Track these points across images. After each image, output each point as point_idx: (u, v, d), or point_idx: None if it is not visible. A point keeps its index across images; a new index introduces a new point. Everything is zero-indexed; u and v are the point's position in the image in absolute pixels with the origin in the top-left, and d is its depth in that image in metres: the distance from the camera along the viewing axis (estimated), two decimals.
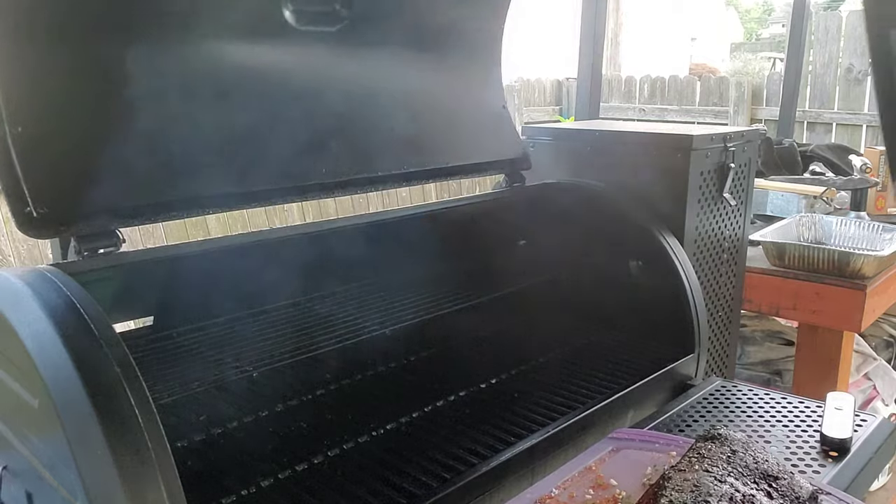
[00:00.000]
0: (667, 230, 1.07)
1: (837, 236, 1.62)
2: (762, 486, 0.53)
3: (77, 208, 0.68)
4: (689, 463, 0.55)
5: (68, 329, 0.52)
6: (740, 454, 0.56)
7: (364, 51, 0.96)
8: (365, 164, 0.94)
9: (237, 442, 0.77)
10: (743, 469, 0.54)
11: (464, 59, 1.09)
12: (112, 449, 0.48)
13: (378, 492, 0.69)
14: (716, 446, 0.57)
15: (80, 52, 0.71)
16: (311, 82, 0.91)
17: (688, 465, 0.54)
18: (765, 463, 0.55)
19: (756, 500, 0.51)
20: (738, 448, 0.56)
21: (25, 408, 0.55)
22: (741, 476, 0.53)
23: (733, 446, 0.56)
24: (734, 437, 0.58)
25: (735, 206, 1.22)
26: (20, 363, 0.54)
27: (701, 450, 0.57)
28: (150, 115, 0.76)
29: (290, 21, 0.85)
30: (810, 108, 4.27)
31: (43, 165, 0.67)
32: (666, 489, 0.51)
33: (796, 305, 1.47)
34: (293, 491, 0.70)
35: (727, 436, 0.58)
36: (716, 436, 0.59)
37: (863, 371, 1.90)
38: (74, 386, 0.50)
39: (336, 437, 0.78)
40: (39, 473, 0.56)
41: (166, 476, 0.49)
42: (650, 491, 0.52)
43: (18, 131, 0.65)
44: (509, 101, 4.78)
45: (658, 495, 0.51)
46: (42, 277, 0.58)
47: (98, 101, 0.73)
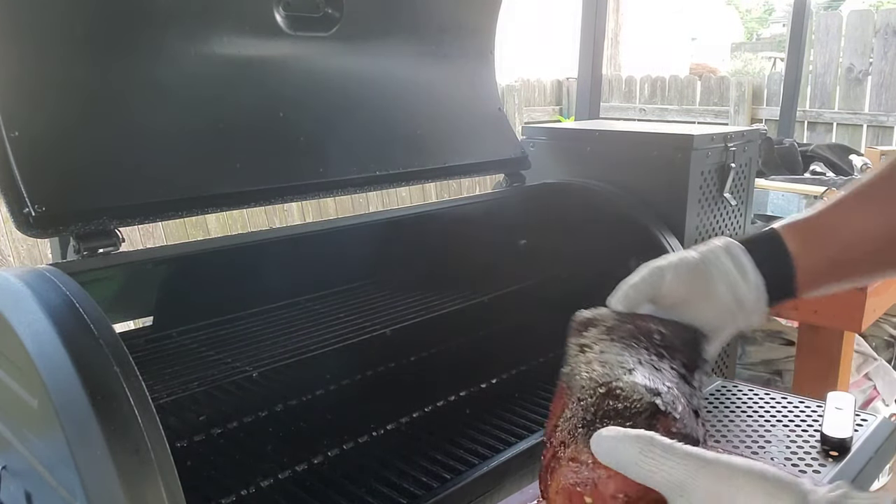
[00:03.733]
0: (667, 230, 1.07)
1: None
2: (655, 348, 0.49)
3: (76, 208, 0.68)
4: (579, 349, 0.48)
5: (67, 329, 0.52)
6: (619, 327, 0.50)
7: (360, 51, 0.96)
8: (364, 164, 0.94)
9: (237, 442, 0.77)
10: (631, 339, 0.49)
11: (459, 59, 1.09)
12: (111, 449, 0.48)
13: (378, 492, 0.69)
14: (593, 327, 0.51)
15: (76, 55, 0.71)
16: (308, 83, 0.91)
17: (578, 351, 0.48)
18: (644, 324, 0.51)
19: (664, 358, 0.47)
20: (611, 323, 0.51)
21: (25, 408, 0.55)
22: (635, 345, 0.48)
23: (606, 322, 0.51)
24: (603, 314, 0.52)
25: (735, 205, 1.22)
26: (19, 363, 0.54)
27: (581, 338, 0.50)
28: (149, 116, 0.76)
29: (283, 27, 0.86)
30: (811, 107, 4.26)
31: (41, 166, 0.67)
32: (574, 379, 0.45)
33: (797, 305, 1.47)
34: (293, 491, 0.70)
35: (596, 315, 0.52)
36: (585, 319, 0.52)
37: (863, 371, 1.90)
38: (73, 386, 0.50)
39: (336, 437, 0.78)
40: (39, 473, 0.56)
41: (166, 476, 0.49)
42: (560, 391, 0.46)
43: (15, 135, 0.65)
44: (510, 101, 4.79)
45: (570, 387, 0.45)
46: (41, 277, 0.57)
47: (95, 102, 0.73)
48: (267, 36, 0.86)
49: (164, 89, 0.78)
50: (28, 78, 0.68)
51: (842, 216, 0.56)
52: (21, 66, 0.67)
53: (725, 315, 0.53)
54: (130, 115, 0.75)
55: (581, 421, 0.41)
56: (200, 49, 0.81)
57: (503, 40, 1.19)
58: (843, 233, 0.56)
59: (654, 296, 0.53)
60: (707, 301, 0.52)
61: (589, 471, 0.38)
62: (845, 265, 0.56)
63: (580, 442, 0.39)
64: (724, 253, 0.54)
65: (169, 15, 0.77)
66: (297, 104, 0.89)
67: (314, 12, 0.89)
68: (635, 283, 0.53)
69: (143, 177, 0.75)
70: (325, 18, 0.90)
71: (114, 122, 0.74)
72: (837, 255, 0.56)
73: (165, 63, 0.78)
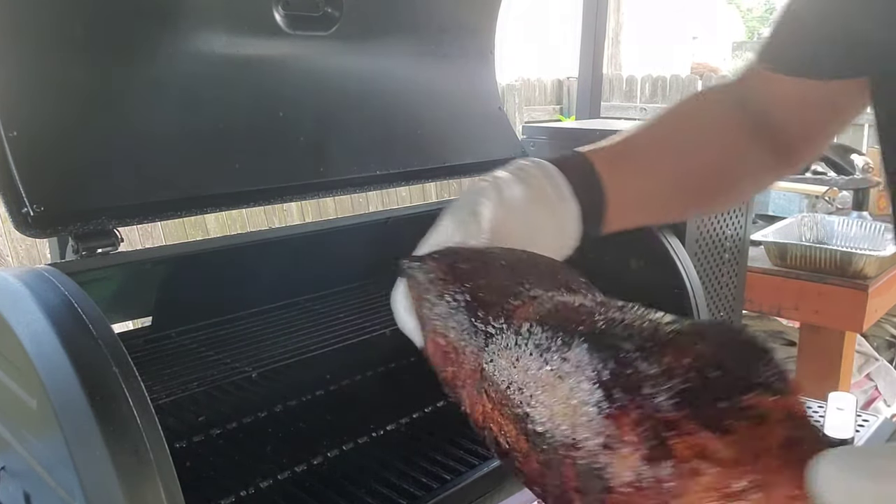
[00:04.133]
0: (668, 230, 1.07)
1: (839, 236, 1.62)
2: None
3: (74, 208, 0.68)
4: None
5: (66, 329, 0.52)
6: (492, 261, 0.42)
7: (359, 50, 0.96)
8: (364, 164, 0.94)
9: (236, 443, 0.77)
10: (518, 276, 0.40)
11: (459, 58, 1.09)
12: (110, 449, 0.47)
13: (378, 493, 0.69)
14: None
15: (75, 55, 0.71)
16: (307, 82, 0.91)
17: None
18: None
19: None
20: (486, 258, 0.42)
21: (23, 408, 0.55)
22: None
23: (476, 260, 0.42)
24: (459, 253, 0.43)
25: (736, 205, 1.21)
26: (18, 363, 0.54)
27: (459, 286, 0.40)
28: (148, 115, 0.76)
29: (282, 26, 0.85)
30: None
31: (39, 166, 0.67)
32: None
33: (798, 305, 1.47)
34: (292, 492, 0.70)
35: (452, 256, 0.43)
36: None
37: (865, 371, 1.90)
38: (72, 386, 0.49)
39: (335, 437, 0.78)
40: (37, 474, 0.56)
41: (165, 477, 0.49)
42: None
43: (14, 135, 0.65)
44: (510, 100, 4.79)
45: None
46: (40, 277, 0.57)
47: (94, 102, 0.73)
48: (266, 35, 0.86)
49: (163, 89, 0.78)
50: (26, 77, 0.68)
51: (646, 151, 0.56)
52: (19, 65, 0.67)
53: (552, 250, 0.49)
54: (129, 114, 0.75)
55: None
56: (199, 49, 0.80)
57: (503, 39, 1.19)
58: (649, 167, 0.55)
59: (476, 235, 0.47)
60: (534, 236, 0.48)
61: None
62: (652, 201, 0.56)
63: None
64: (548, 185, 0.49)
65: (168, 15, 0.77)
66: (296, 104, 0.89)
67: (314, 11, 0.89)
68: (453, 233, 0.47)
69: (142, 176, 0.75)
70: (324, 18, 0.90)
71: (112, 122, 0.74)
72: (645, 188, 0.55)
73: (164, 63, 0.78)
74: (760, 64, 0.57)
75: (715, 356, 0.26)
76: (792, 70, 0.54)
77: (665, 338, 0.28)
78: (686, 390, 0.25)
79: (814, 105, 0.55)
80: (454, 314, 0.38)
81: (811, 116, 0.57)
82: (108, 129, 0.73)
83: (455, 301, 0.39)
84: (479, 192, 0.48)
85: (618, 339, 0.29)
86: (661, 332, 0.28)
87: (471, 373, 0.36)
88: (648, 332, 0.29)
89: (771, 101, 0.56)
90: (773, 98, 0.56)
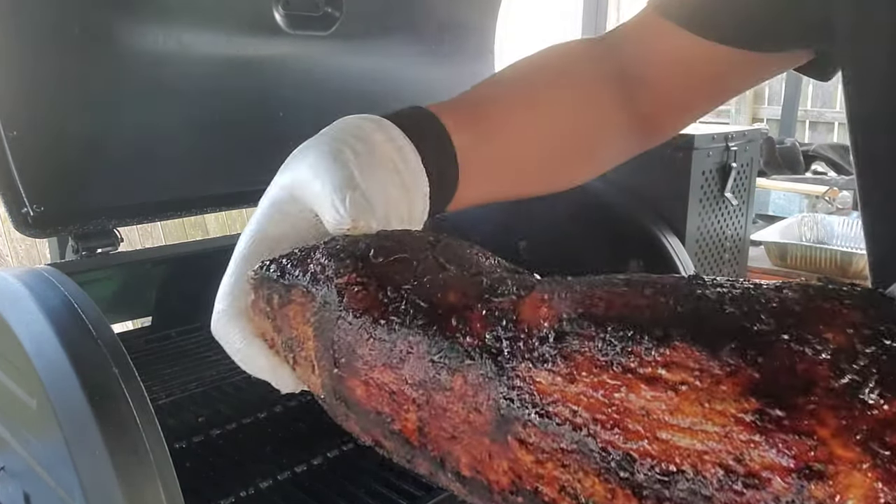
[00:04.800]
0: (668, 230, 1.07)
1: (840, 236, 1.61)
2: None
3: (74, 208, 0.68)
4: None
5: (66, 329, 0.52)
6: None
7: (359, 50, 0.95)
8: None
9: (236, 443, 0.77)
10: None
11: (458, 58, 1.09)
12: (110, 450, 0.47)
13: (377, 493, 0.69)
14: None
15: (74, 54, 0.71)
16: (307, 82, 0.91)
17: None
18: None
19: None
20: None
21: (23, 408, 0.55)
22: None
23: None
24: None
25: (737, 205, 1.21)
26: (18, 363, 0.54)
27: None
28: (148, 115, 0.76)
29: (282, 26, 0.85)
30: (812, 107, 4.26)
31: (39, 166, 0.67)
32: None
33: None
34: (292, 492, 0.70)
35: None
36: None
37: None
38: (72, 386, 0.49)
39: (335, 438, 0.77)
40: (37, 474, 0.56)
41: (164, 477, 0.49)
42: None
43: (14, 135, 0.65)
44: None
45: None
46: (40, 277, 0.57)
47: (94, 102, 0.73)
48: (266, 35, 0.85)
49: (163, 89, 0.78)
50: (26, 78, 0.68)
51: (500, 110, 0.46)
52: (19, 65, 0.67)
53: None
54: (129, 115, 0.75)
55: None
56: (200, 48, 0.80)
57: (503, 39, 1.19)
58: (504, 130, 0.46)
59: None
60: (388, 215, 0.37)
61: None
62: (506, 171, 0.47)
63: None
64: (394, 152, 0.39)
65: (168, 14, 0.77)
66: (296, 103, 0.89)
67: (314, 11, 0.89)
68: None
69: (142, 176, 0.75)
70: (324, 17, 0.90)
71: (112, 122, 0.74)
72: (499, 157, 0.46)
73: (164, 62, 0.78)
74: (655, 11, 0.49)
75: (876, 329, 0.19)
76: (691, 25, 0.46)
77: (794, 306, 0.20)
78: (884, 376, 0.18)
79: (700, 70, 0.48)
80: (409, 337, 0.26)
81: (692, 82, 0.50)
82: (108, 129, 0.73)
83: (404, 316, 0.27)
84: (343, 151, 0.37)
85: (735, 320, 0.20)
86: (776, 298, 0.21)
87: (472, 417, 0.24)
88: (763, 303, 0.21)
89: (650, 56, 0.49)
90: (654, 52, 0.49)
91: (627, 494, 0.20)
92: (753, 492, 0.18)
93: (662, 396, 0.20)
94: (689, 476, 0.19)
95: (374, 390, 0.27)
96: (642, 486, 0.20)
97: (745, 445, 0.19)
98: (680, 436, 0.20)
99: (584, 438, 0.21)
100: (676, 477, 0.19)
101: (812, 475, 0.18)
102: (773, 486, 0.18)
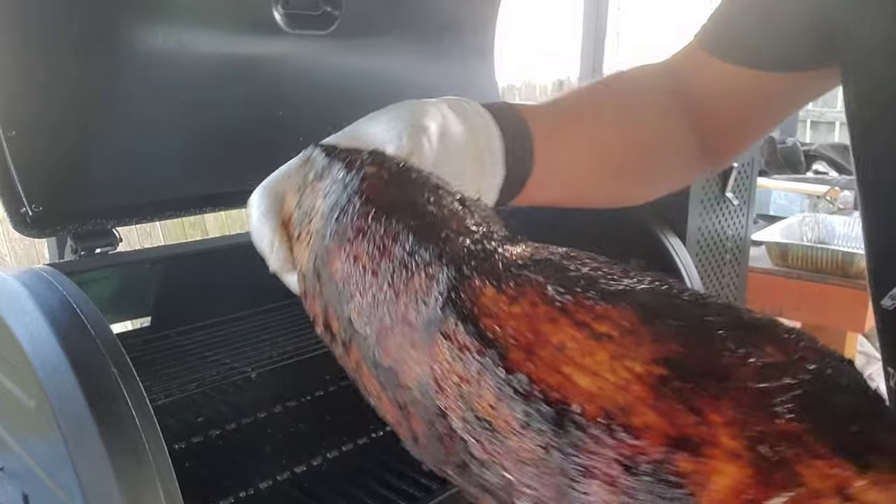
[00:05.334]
0: (669, 230, 1.07)
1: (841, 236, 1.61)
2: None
3: (73, 207, 0.68)
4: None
5: (65, 329, 0.52)
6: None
7: (359, 49, 0.95)
8: None
9: (235, 444, 0.77)
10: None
11: (458, 57, 1.09)
12: (109, 450, 0.47)
13: (377, 494, 0.69)
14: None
15: (72, 54, 0.71)
16: (307, 81, 0.91)
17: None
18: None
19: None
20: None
21: (22, 409, 0.55)
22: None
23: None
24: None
25: (738, 205, 1.21)
26: (16, 363, 0.53)
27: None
28: (147, 114, 0.76)
29: (282, 25, 0.85)
30: (813, 106, 4.26)
31: (38, 165, 0.67)
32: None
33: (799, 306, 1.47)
34: (291, 493, 0.69)
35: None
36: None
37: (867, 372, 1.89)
38: (71, 387, 0.49)
39: (335, 438, 0.77)
40: (36, 474, 0.56)
41: (164, 478, 0.49)
42: None
43: (12, 135, 0.64)
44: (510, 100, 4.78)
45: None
46: (38, 277, 0.57)
47: (92, 101, 0.73)
48: (266, 34, 0.85)
49: (162, 88, 0.77)
50: (25, 77, 0.68)
51: (578, 123, 0.50)
52: (18, 64, 0.67)
53: None
54: (128, 114, 0.75)
55: None
56: (199, 48, 0.80)
57: (503, 39, 1.19)
58: (579, 141, 0.50)
59: None
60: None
61: None
62: (575, 179, 0.51)
63: None
64: (485, 141, 0.42)
65: (168, 14, 0.77)
66: (296, 102, 0.89)
67: (313, 10, 0.89)
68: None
69: (141, 176, 0.74)
70: (324, 17, 0.90)
71: (111, 122, 0.74)
72: (571, 164, 0.50)
73: (163, 62, 0.78)
74: (699, 45, 0.52)
75: (822, 365, 0.20)
76: (730, 57, 0.50)
77: (757, 327, 0.21)
78: (806, 397, 0.18)
79: (747, 97, 0.51)
80: (400, 233, 0.28)
81: (742, 109, 0.53)
82: (107, 128, 0.73)
83: (403, 214, 0.29)
84: (425, 109, 0.40)
85: (689, 308, 0.22)
86: (741, 314, 0.22)
87: (417, 308, 0.26)
88: (726, 309, 0.22)
89: (705, 88, 0.53)
90: (708, 84, 0.52)
91: (514, 416, 0.21)
92: (625, 438, 0.19)
93: (582, 339, 0.22)
94: (575, 410, 0.20)
95: (347, 267, 0.29)
96: (528, 411, 0.21)
97: (636, 401, 0.19)
98: (580, 375, 0.21)
99: (497, 353, 0.23)
100: (563, 408, 0.20)
101: (686, 446, 0.18)
102: (644, 442, 0.19)
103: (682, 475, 0.18)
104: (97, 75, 0.73)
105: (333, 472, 0.73)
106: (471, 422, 0.23)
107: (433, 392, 0.25)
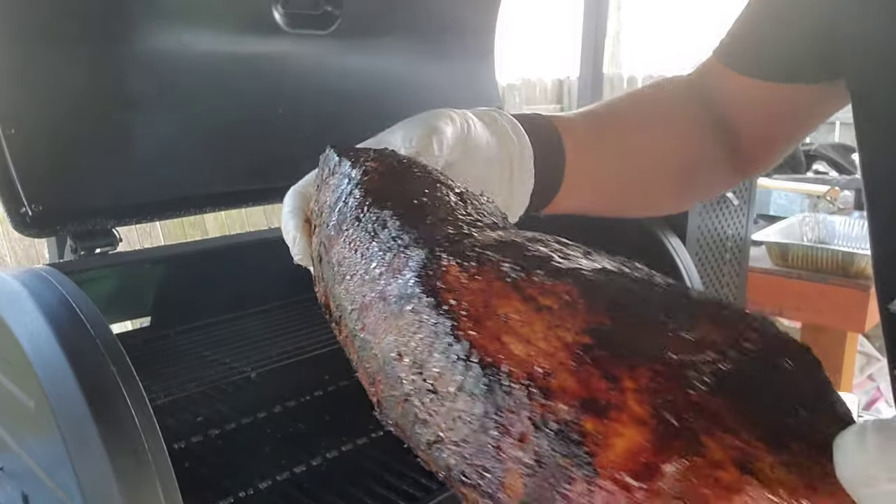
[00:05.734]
0: (669, 230, 1.07)
1: (841, 236, 1.61)
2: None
3: (73, 207, 0.68)
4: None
5: (64, 329, 0.52)
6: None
7: (359, 49, 0.95)
8: None
9: (235, 443, 0.77)
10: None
11: (459, 57, 1.09)
12: (108, 450, 0.47)
13: (377, 494, 0.69)
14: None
15: (72, 53, 0.71)
16: (307, 81, 0.91)
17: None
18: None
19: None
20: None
21: (21, 408, 0.55)
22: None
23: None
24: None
25: (738, 205, 1.21)
26: (16, 363, 0.53)
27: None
28: (146, 114, 0.76)
29: (282, 24, 0.85)
30: None
31: (38, 165, 0.67)
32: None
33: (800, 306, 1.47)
34: (291, 493, 0.69)
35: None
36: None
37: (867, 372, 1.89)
38: (70, 387, 0.49)
39: (334, 438, 0.77)
40: (35, 474, 0.56)
41: (163, 478, 0.49)
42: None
43: (12, 133, 0.64)
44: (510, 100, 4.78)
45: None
46: (38, 277, 0.57)
47: (92, 101, 0.73)
48: (266, 34, 0.85)
49: (162, 88, 0.77)
50: (24, 76, 0.68)
51: (609, 134, 0.51)
52: (17, 63, 0.67)
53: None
54: (128, 113, 0.75)
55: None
56: (199, 47, 0.80)
57: (504, 39, 1.19)
58: (611, 152, 0.51)
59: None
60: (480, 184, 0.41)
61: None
62: (607, 190, 0.52)
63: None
64: (516, 149, 0.44)
65: (167, 13, 0.77)
66: (296, 102, 0.89)
67: (313, 10, 0.89)
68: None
69: (141, 176, 0.74)
70: (324, 16, 0.90)
71: (111, 121, 0.74)
72: (603, 176, 0.51)
73: (163, 61, 0.77)
74: (718, 60, 0.54)
75: (765, 347, 0.20)
76: (745, 70, 0.51)
77: (700, 306, 0.22)
78: (730, 374, 0.19)
79: (768, 108, 0.52)
80: (387, 221, 0.30)
81: (767, 119, 0.54)
82: (107, 128, 0.73)
83: (393, 207, 0.31)
84: (444, 115, 0.42)
85: (627, 285, 0.24)
86: (688, 295, 0.23)
87: (389, 284, 0.29)
88: (670, 291, 0.24)
89: (728, 100, 0.54)
90: (730, 96, 0.53)
91: (453, 379, 0.24)
92: (539, 399, 0.21)
93: (525, 311, 0.23)
94: (504, 372, 0.22)
95: (343, 251, 0.32)
96: (464, 374, 0.23)
97: (558, 366, 0.21)
98: (516, 343, 0.23)
99: (450, 323, 0.25)
100: (493, 371, 0.22)
101: (593, 408, 0.19)
102: (555, 402, 0.20)
103: (585, 435, 0.19)
104: (97, 75, 0.73)
105: (333, 472, 0.73)
106: (419, 387, 0.25)
107: (394, 359, 0.27)
